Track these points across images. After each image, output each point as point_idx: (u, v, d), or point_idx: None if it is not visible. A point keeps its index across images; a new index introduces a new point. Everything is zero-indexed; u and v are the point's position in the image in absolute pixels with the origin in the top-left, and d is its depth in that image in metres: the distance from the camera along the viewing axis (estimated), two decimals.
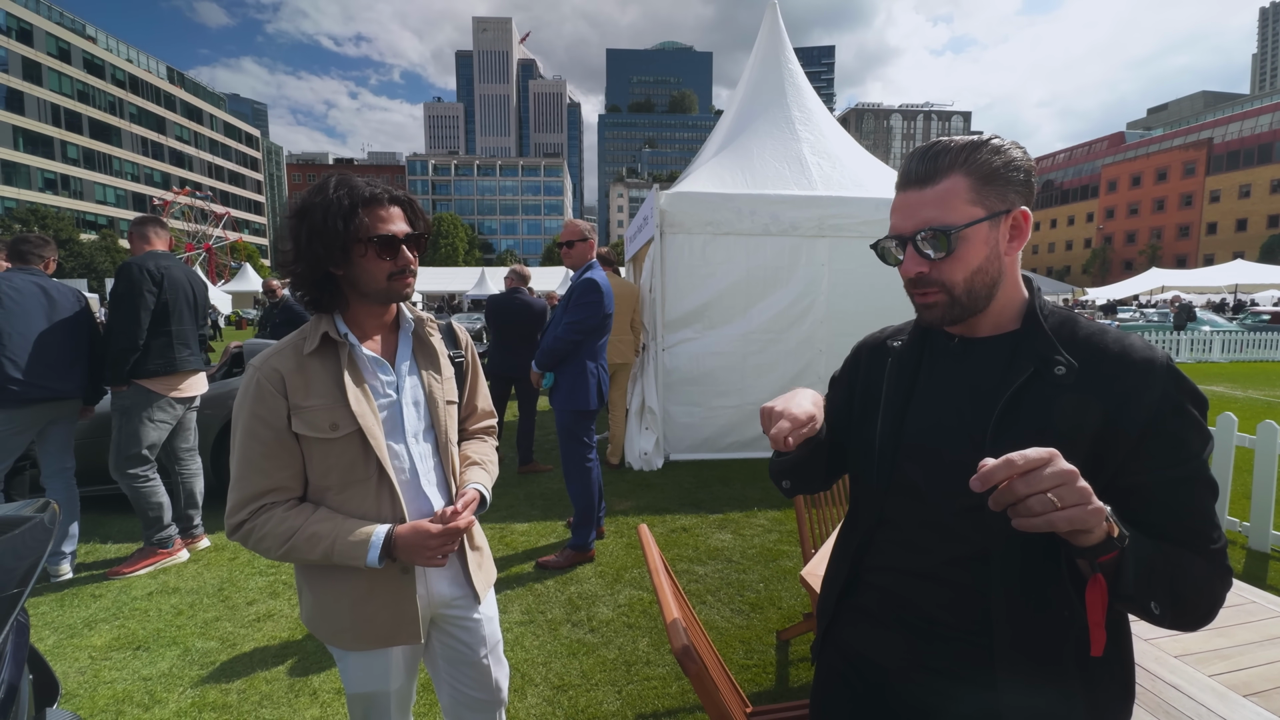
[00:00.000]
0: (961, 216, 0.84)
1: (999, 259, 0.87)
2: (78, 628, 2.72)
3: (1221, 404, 8.39)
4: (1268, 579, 3.22)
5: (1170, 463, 0.78)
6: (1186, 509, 0.78)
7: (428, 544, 1.13)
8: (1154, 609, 0.73)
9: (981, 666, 0.85)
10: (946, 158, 0.85)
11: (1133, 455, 0.78)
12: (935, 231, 0.84)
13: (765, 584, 3.11)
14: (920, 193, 0.87)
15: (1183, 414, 0.78)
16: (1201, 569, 0.77)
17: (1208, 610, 0.78)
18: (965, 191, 0.84)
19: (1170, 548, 0.76)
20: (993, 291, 0.88)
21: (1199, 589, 0.76)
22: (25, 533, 1.16)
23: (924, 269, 0.87)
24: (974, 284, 0.87)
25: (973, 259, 0.86)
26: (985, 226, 0.85)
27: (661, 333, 5.26)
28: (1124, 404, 0.78)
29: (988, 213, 0.85)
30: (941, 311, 0.89)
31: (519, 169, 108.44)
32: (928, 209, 0.86)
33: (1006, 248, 0.87)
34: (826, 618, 1.08)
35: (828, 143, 6.04)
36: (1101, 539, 0.69)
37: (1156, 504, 0.79)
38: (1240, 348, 15.22)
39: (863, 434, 1.02)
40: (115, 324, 3.12)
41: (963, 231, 0.84)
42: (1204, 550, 0.77)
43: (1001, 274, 0.88)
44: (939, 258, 0.86)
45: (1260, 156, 50.84)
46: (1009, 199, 0.86)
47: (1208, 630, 1.48)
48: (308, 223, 1.13)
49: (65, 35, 56.04)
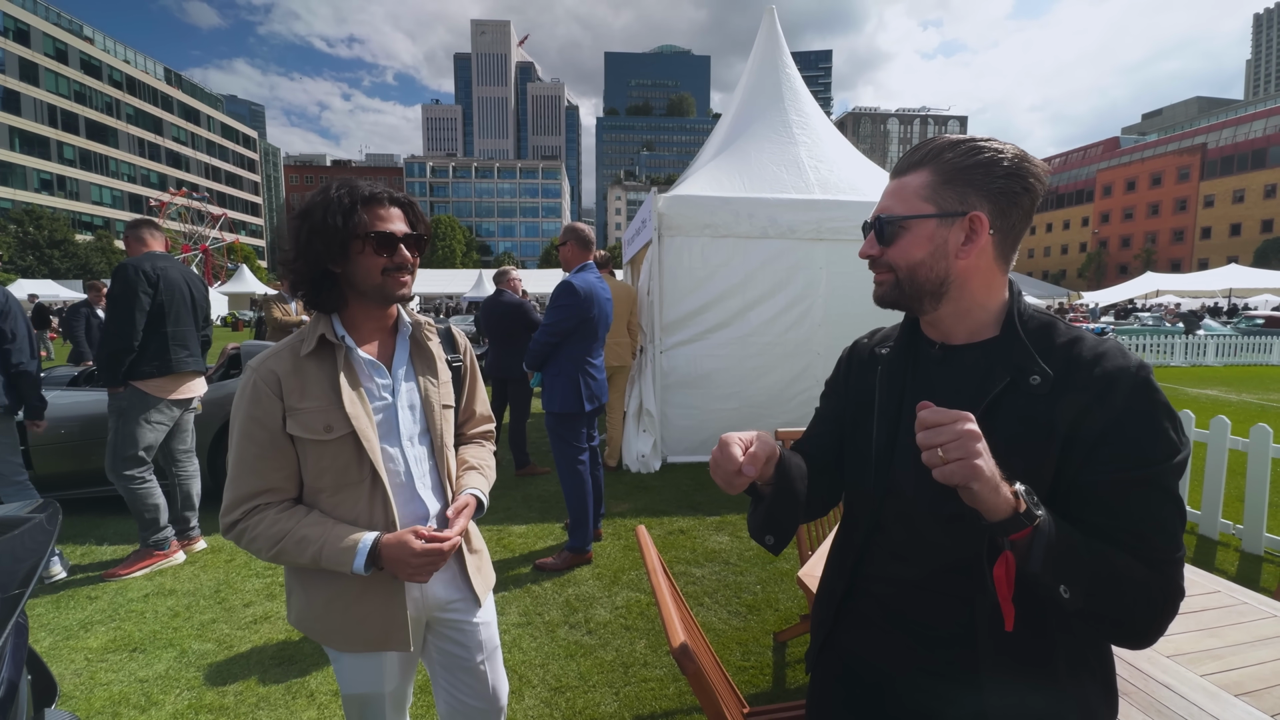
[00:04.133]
0: (909, 209, 0.89)
1: (946, 259, 0.87)
2: (74, 629, 2.71)
3: (1216, 408, 8.44)
4: (1261, 581, 3.24)
5: (1123, 466, 0.77)
6: (1132, 512, 0.77)
7: (410, 560, 1.12)
8: (1063, 592, 0.73)
9: (972, 669, 0.86)
10: (920, 153, 0.90)
11: (1089, 457, 0.78)
12: (882, 220, 0.91)
13: (762, 586, 3.12)
14: (895, 182, 0.93)
15: (1145, 422, 0.78)
16: (1139, 574, 0.75)
17: (1146, 620, 0.76)
18: (923, 188, 0.88)
19: (1105, 545, 0.76)
20: (940, 290, 0.89)
21: (1132, 593, 0.74)
22: (25, 534, 1.17)
23: (874, 252, 0.93)
24: (916, 275, 0.90)
25: (914, 252, 0.89)
26: (932, 224, 0.87)
27: (659, 335, 5.27)
28: (1092, 409, 0.79)
29: (938, 211, 0.87)
30: (886, 290, 0.95)
31: (517, 171, 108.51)
32: (890, 198, 0.92)
33: (960, 250, 0.87)
34: (825, 629, 1.07)
35: (825, 147, 6.07)
36: (1008, 515, 0.71)
37: (1099, 502, 0.78)
38: (1234, 351, 15.30)
39: (856, 442, 1.03)
40: (110, 325, 3.12)
41: (903, 223, 0.89)
42: (1148, 557, 0.76)
43: (950, 274, 0.88)
44: (886, 244, 0.91)
45: (1254, 161, 51.18)
46: (967, 201, 0.85)
47: (1200, 631, 1.50)
48: (309, 221, 1.15)
49: (62, 36, 55.94)
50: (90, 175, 58.78)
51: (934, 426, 0.72)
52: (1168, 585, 0.76)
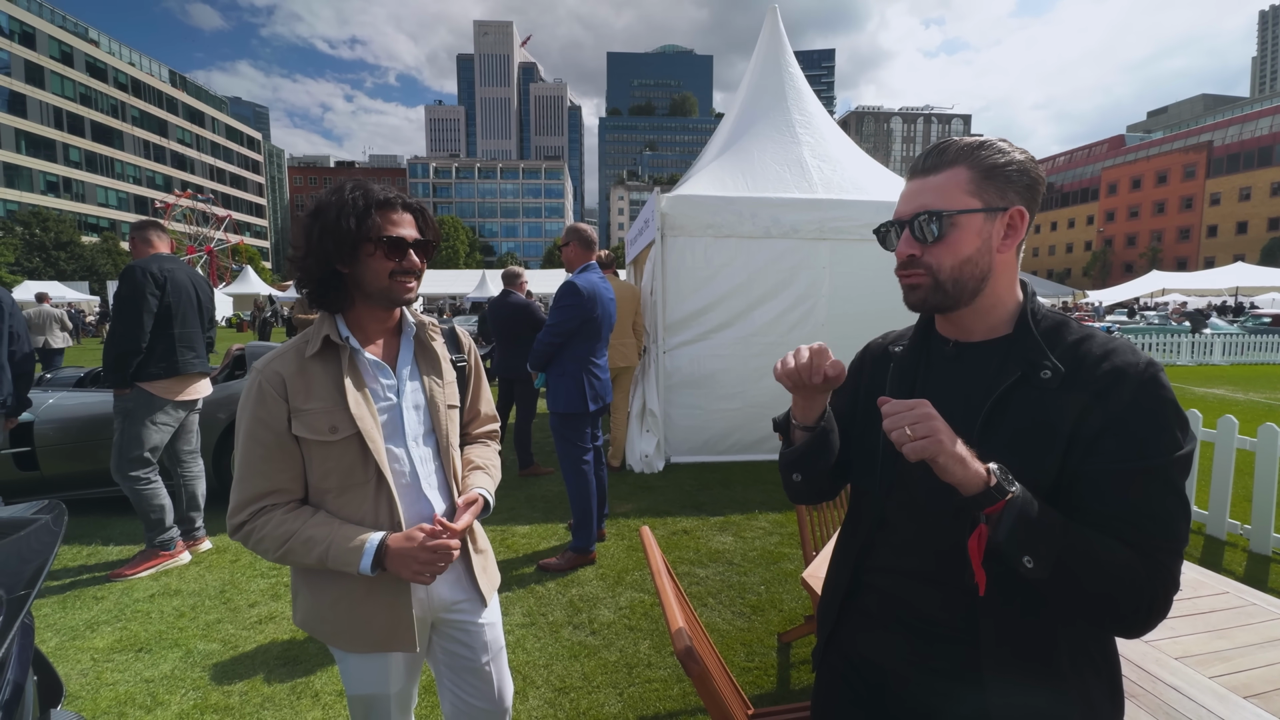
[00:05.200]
0: (958, 204, 0.88)
1: (990, 254, 0.89)
2: (80, 630, 2.72)
3: (1223, 407, 8.39)
4: (1269, 582, 3.22)
5: (1125, 458, 0.78)
6: (1130, 502, 0.78)
7: (418, 554, 1.12)
8: (1026, 563, 0.75)
9: (975, 667, 0.86)
10: (952, 151, 0.90)
11: (1092, 448, 0.80)
12: (930, 215, 0.89)
13: (766, 586, 3.11)
14: (923, 181, 0.91)
15: (1150, 416, 0.79)
16: (1123, 559, 0.76)
17: (1131, 606, 0.76)
18: (965, 183, 0.88)
19: (1096, 531, 0.77)
20: (980, 286, 0.90)
21: (1113, 575, 0.75)
22: (31, 534, 1.17)
23: (915, 251, 0.91)
24: (962, 273, 0.89)
25: (963, 248, 0.88)
26: (980, 218, 0.88)
27: (663, 335, 5.27)
28: (1098, 403, 0.80)
29: (984, 205, 0.88)
30: (924, 294, 0.93)
31: (520, 172, 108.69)
32: (927, 195, 0.90)
33: (1000, 244, 0.89)
34: (829, 624, 1.08)
35: (828, 146, 6.06)
36: (981, 489, 0.76)
37: (1098, 491, 0.79)
38: (1241, 350, 15.21)
39: (865, 439, 1.03)
40: (118, 327, 3.13)
41: (955, 217, 0.88)
42: (1141, 546, 0.77)
43: (991, 270, 0.90)
44: (932, 241, 0.89)
45: (1260, 159, 50.83)
46: (1007, 197, 0.88)
47: (1208, 632, 1.48)
48: (321, 220, 1.15)
49: (68, 39, 56.24)
50: (96, 177, 59.07)
51: (897, 413, 0.79)
52: (1159, 573, 0.77)
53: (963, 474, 0.76)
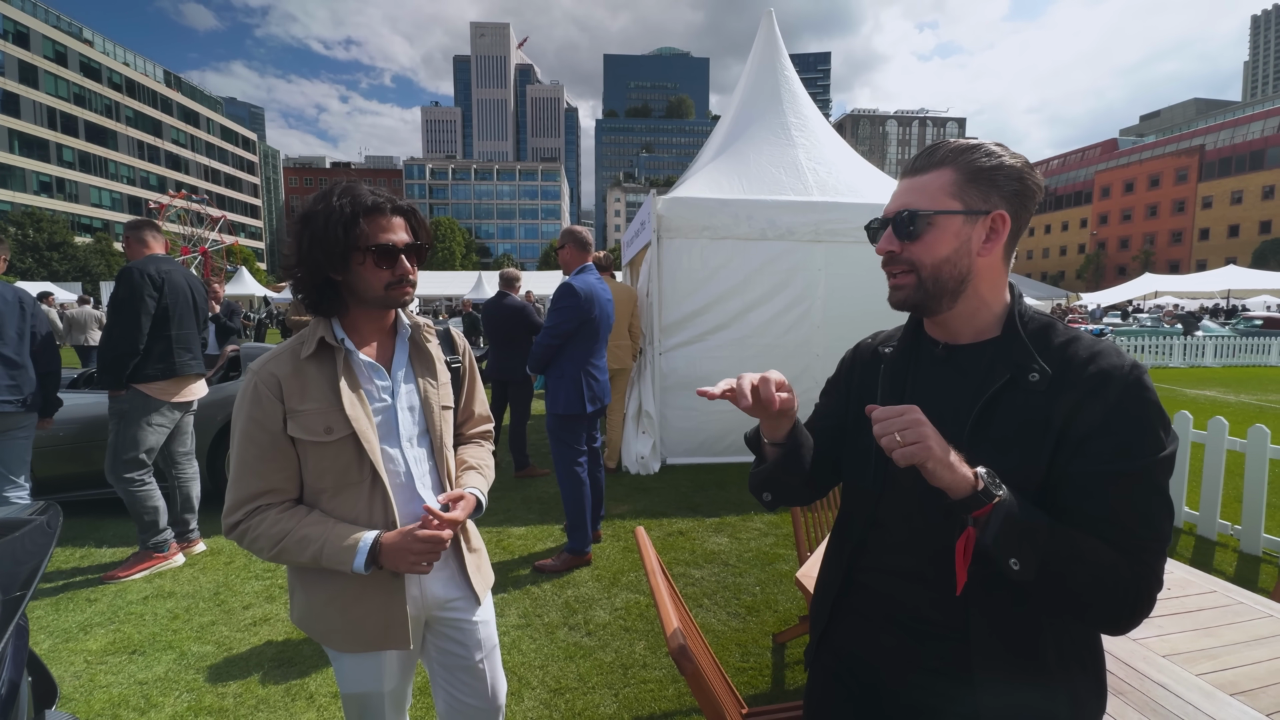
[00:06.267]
0: (938, 205, 0.90)
1: (969, 256, 0.90)
2: (73, 631, 2.71)
3: (1214, 408, 8.46)
4: (1259, 582, 3.25)
5: (1109, 459, 0.79)
6: (1114, 503, 0.79)
7: (412, 548, 1.14)
8: (1013, 565, 0.77)
9: (965, 665, 0.88)
10: (941, 153, 0.91)
11: (1079, 450, 0.81)
12: (911, 214, 0.91)
13: (761, 587, 3.12)
14: (912, 180, 0.94)
15: (1134, 419, 0.80)
16: (1108, 559, 0.77)
17: (1114, 605, 0.78)
18: (949, 185, 0.89)
19: (1079, 532, 0.79)
20: (960, 287, 0.92)
21: (1096, 575, 0.77)
22: (25, 536, 1.17)
23: (895, 248, 0.94)
24: (941, 272, 0.91)
25: (940, 248, 0.90)
26: (959, 220, 0.89)
27: (658, 337, 5.28)
28: (1084, 405, 0.82)
29: (964, 208, 0.89)
30: (908, 293, 0.94)
31: (516, 173, 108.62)
32: (911, 194, 0.93)
33: (980, 248, 0.90)
34: (822, 623, 1.09)
35: (823, 149, 6.09)
36: (967, 494, 0.77)
37: (1083, 491, 0.81)
38: (1233, 352, 15.33)
39: (857, 439, 1.04)
40: (115, 328, 3.12)
41: (933, 218, 0.89)
42: (1125, 545, 0.78)
43: (971, 271, 0.91)
44: (911, 239, 0.91)
45: (1252, 163, 51.28)
46: (990, 200, 0.89)
47: (1196, 630, 1.50)
48: (310, 229, 1.15)
49: (62, 39, 55.90)
50: (90, 178, 58.70)
51: (887, 419, 0.80)
52: (1142, 572, 0.78)
53: (951, 478, 0.77)
